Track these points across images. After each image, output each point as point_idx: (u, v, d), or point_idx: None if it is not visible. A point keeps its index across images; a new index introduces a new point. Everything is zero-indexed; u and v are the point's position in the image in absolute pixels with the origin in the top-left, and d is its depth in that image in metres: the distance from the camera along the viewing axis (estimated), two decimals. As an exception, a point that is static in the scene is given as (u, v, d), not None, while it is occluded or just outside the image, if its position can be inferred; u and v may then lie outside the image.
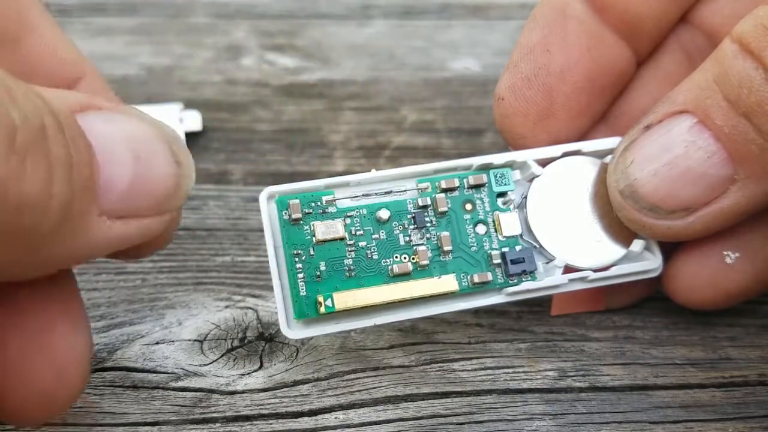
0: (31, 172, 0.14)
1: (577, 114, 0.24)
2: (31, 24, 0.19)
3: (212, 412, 0.22)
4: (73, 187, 0.16)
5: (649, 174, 0.21)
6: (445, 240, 0.22)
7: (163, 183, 0.18)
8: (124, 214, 0.17)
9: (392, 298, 0.21)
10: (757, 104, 0.19)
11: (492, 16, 0.40)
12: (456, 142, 0.32)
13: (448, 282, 0.22)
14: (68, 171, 0.15)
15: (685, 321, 0.25)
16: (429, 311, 0.22)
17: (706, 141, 0.20)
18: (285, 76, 0.35)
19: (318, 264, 0.21)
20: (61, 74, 0.19)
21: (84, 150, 0.16)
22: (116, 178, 0.17)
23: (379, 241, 0.22)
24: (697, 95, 0.20)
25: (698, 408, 0.22)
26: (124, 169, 0.17)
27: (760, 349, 0.24)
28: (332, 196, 0.22)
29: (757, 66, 0.19)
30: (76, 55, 0.20)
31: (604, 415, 0.22)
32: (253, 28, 0.38)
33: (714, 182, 0.20)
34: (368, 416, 0.22)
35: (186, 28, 0.38)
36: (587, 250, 0.23)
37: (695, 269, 0.23)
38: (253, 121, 0.33)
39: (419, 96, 0.34)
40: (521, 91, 0.23)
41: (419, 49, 0.37)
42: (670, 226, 0.21)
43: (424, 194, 0.22)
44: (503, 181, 0.23)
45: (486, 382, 0.23)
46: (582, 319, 0.25)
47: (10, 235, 0.15)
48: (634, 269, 0.23)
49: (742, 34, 0.19)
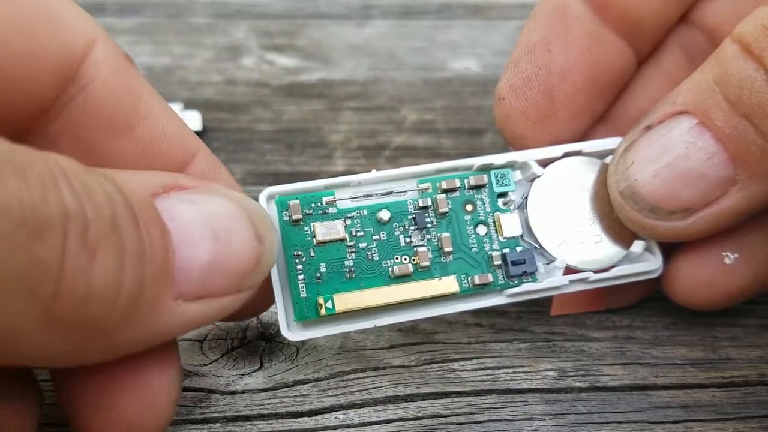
0: (101, 264, 0.15)
1: (578, 114, 0.24)
2: (146, 111, 0.19)
3: (212, 412, 0.22)
4: (145, 275, 0.16)
5: (650, 175, 0.21)
6: (446, 241, 0.22)
7: (243, 261, 0.18)
8: (202, 295, 0.17)
9: (393, 300, 0.21)
10: (757, 105, 0.19)
11: (492, 16, 0.40)
12: (456, 142, 0.32)
13: (448, 283, 0.22)
14: (140, 260, 0.16)
15: (685, 321, 0.25)
16: (430, 312, 0.22)
17: (706, 142, 0.20)
18: (285, 76, 0.35)
19: (318, 265, 0.21)
20: (173, 155, 0.20)
21: (158, 236, 0.16)
22: (193, 261, 0.17)
23: (379, 242, 0.22)
24: (697, 96, 0.20)
25: (698, 408, 0.22)
26: (201, 250, 0.17)
27: (760, 349, 0.24)
28: (332, 196, 0.22)
29: (758, 67, 0.19)
30: (188, 135, 0.20)
31: (604, 415, 0.22)
32: (253, 28, 0.38)
33: (714, 183, 0.20)
34: (368, 416, 0.22)
35: (186, 28, 0.38)
36: (588, 250, 0.23)
37: (695, 270, 0.23)
38: (253, 121, 0.33)
39: (419, 96, 0.34)
40: (522, 90, 0.23)
41: (419, 49, 0.37)
42: (670, 227, 0.21)
43: (425, 195, 0.22)
44: (504, 182, 0.23)
45: (486, 382, 0.23)
46: (582, 319, 0.25)
47: (76, 324, 0.15)
48: (635, 270, 0.23)
49: (743, 35, 0.19)
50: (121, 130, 0.19)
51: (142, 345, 0.17)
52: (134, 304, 0.16)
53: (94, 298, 0.15)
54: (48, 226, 0.14)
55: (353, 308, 0.21)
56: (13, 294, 0.13)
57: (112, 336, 0.16)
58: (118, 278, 0.15)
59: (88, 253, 0.14)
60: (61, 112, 0.18)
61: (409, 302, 0.22)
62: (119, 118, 0.19)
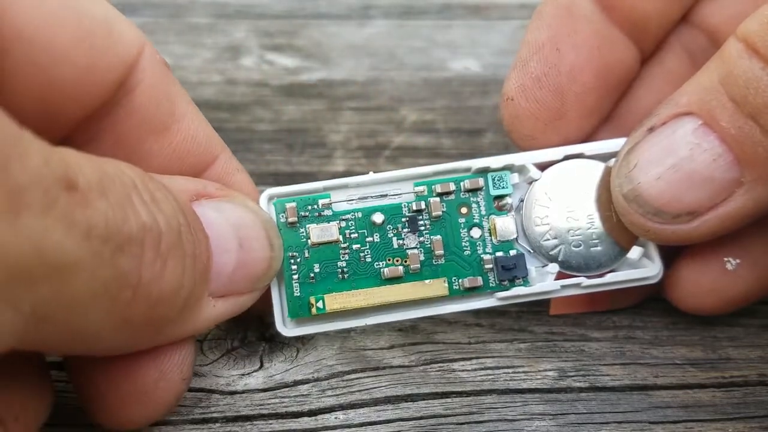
0: (170, 270, 0.16)
1: (588, 114, 0.23)
2: (180, 114, 0.21)
3: (212, 412, 0.22)
4: (196, 277, 0.18)
5: (654, 177, 0.20)
6: (437, 244, 0.22)
7: (260, 266, 0.20)
8: (226, 294, 0.20)
9: (382, 302, 0.22)
10: (764, 105, 0.18)
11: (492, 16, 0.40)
12: (456, 142, 0.32)
13: (437, 286, 0.22)
14: (193, 263, 0.18)
15: (685, 321, 0.25)
16: (420, 313, 0.22)
17: (711, 143, 0.20)
18: (285, 76, 0.35)
19: (312, 266, 0.22)
20: (200, 156, 0.21)
21: (204, 242, 0.18)
22: (225, 265, 0.19)
23: (372, 244, 0.22)
24: (701, 96, 0.20)
25: (698, 408, 0.22)
26: (230, 255, 0.19)
27: (760, 349, 0.24)
28: (329, 199, 0.22)
29: (764, 66, 0.18)
30: (214, 137, 0.22)
31: (604, 415, 0.22)
32: (253, 28, 0.38)
33: (720, 185, 0.20)
34: (368, 416, 0.22)
35: (186, 28, 0.38)
36: (583, 255, 0.23)
37: (696, 276, 0.23)
38: (253, 121, 0.33)
39: (419, 96, 0.34)
40: (531, 91, 0.23)
41: (419, 49, 0.37)
42: (675, 230, 0.21)
43: (420, 198, 0.22)
44: (501, 185, 0.23)
45: (486, 382, 0.23)
46: (582, 319, 0.25)
47: (142, 324, 0.17)
48: (631, 276, 0.23)
49: (748, 34, 0.19)
50: (158, 131, 0.20)
51: (182, 336, 0.19)
52: (186, 303, 0.18)
53: (161, 301, 0.16)
54: (129, 241, 0.15)
55: (343, 308, 0.22)
56: (97, 303, 0.15)
57: (165, 331, 0.18)
58: (180, 281, 0.17)
59: (162, 261, 0.16)
60: (108, 114, 0.20)
61: (399, 303, 0.22)
62: (157, 120, 0.20)
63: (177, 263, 0.17)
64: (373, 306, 0.22)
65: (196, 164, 0.21)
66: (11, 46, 0.17)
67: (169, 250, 0.16)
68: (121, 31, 0.19)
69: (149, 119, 0.20)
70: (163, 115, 0.20)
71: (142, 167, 0.18)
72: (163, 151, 0.21)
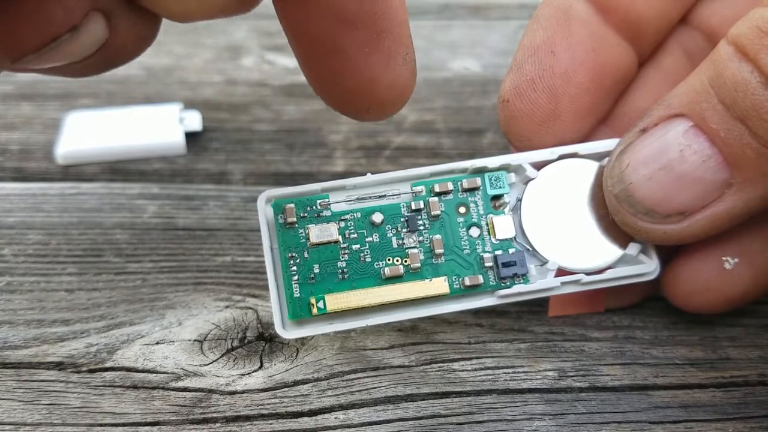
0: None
1: (583, 115, 0.24)
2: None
3: (212, 412, 0.22)
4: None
5: (645, 178, 0.21)
6: (437, 243, 0.22)
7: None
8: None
9: (383, 301, 0.22)
10: (752, 108, 0.19)
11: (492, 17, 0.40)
12: (456, 142, 0.32)
13: (438, 285, 0.22)
14: None
15: (685, 321, 0.25)
16: (421, 312, 0.22)
17: (701, 145, 0.20)
18: (285, 76, 0.35)
19: (312, 266, 0.22)
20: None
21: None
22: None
23: (372, 244, 0.22)
24: (692, 98, 0.20)
25: (698, 408, 0.22)
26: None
27: (760, 349, 0.24)
28: (327, 200, 0.22)
29: (753, 69, 0.18)
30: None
31: (604, 415, 0.22)
32: (253, 28, 0.38)
33: (709, 186, 0.20)
34: (368, 416, 0.22)
35: (186, 28, 0.38)
36: (582, 253, 0.23)
37: (694, 274, 0.23)
38: (253, 121, 0.33)
39: (419, 96, 0.34)
40: (526, 93, 0.23)
41: (419, 49, 0.37)
42: (666, 230, 0.21)
43: (418, 198, 0.23)
44: (498, 185, 0.23)
45: (486, 382, 0.23)
46: (582, 319, 0.25)
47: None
48: (629, 272, 0.23)
49: (738, 37, 0.19)
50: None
51: None
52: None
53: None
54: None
55: (344, 308, 0.21)
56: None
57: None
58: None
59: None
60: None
61: (399, 302, 0.22)
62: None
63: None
64: (374, 305, 0.22)
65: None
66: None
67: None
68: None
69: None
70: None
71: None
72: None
